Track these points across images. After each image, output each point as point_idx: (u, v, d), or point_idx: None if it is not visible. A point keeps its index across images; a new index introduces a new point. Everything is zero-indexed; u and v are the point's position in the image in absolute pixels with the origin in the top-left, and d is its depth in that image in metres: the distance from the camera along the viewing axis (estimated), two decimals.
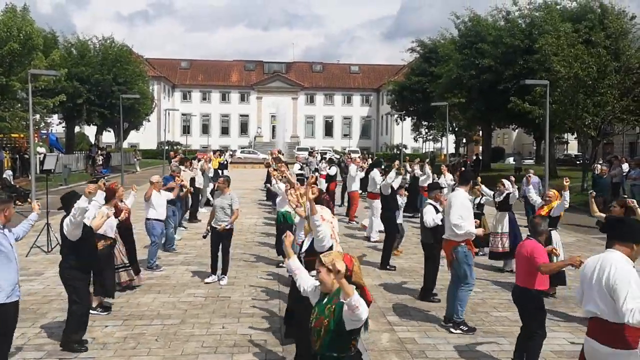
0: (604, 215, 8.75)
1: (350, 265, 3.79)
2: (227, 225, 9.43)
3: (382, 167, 15.05)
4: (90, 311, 7.20)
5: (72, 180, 28.09)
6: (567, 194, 8.85)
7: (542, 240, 6.01)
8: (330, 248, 5.72)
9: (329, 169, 19.69)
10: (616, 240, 4.24)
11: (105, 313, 7.82)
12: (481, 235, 8.17)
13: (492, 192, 11.44)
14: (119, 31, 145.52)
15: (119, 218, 8.31)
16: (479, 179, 11.45)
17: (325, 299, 3.81)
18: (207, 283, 9.51)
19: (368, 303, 3.79)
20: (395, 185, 11.59)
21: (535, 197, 10.15)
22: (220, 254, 9.65)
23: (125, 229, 8.81)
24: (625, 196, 16.55)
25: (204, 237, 9.78)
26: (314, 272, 5.80)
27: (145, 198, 10.46)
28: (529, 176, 10.76)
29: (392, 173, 11.59)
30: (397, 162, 12.10)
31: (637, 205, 8.11)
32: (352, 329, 3.62)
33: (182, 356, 6.44)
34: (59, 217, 14.14)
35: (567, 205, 8.99)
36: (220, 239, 9.57)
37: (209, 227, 9.69)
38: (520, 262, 5.96)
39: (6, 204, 5.50)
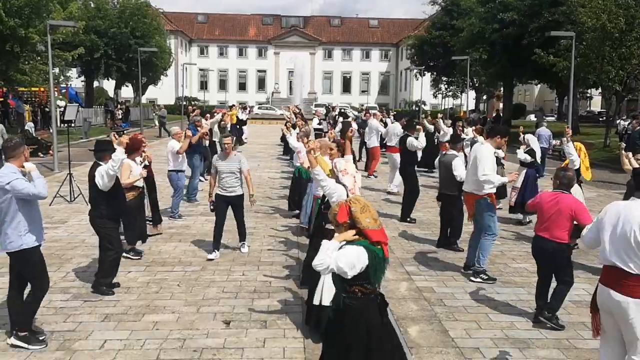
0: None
1: (346, 214, 3.79)
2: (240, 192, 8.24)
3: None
4: (124, 254, 7.42)
5: (93, 134, 28.30)
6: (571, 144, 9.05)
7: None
8: None
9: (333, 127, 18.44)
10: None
11: (138, 257, 8.04)
12: (514, 178, 8.11)
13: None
14: None
15: (144, 162, 8.36)
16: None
17: None
18: (209, 260, 8.07)
19: (373, 241, 3.81)
20: (422, 145, 11.55)
21: (574, 155, 9.26)
22: (235, 224, 8.45)
23: (148, 180, 8.85)
24: None
25: (212, 210, 8.29)
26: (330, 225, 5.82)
27: (179, 152, 10.25)
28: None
29: (422, 137, 11.52)
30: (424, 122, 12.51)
31: (625, 153, 8.61)
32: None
33: (204, 300, 6.58)
34: (80, 169, 14.44)
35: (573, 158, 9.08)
36: (231, 207, 8.23)
37: (212, 198, 8.26)
38: (556, 217, 5.79)
39: (19, 148, 5.18)
